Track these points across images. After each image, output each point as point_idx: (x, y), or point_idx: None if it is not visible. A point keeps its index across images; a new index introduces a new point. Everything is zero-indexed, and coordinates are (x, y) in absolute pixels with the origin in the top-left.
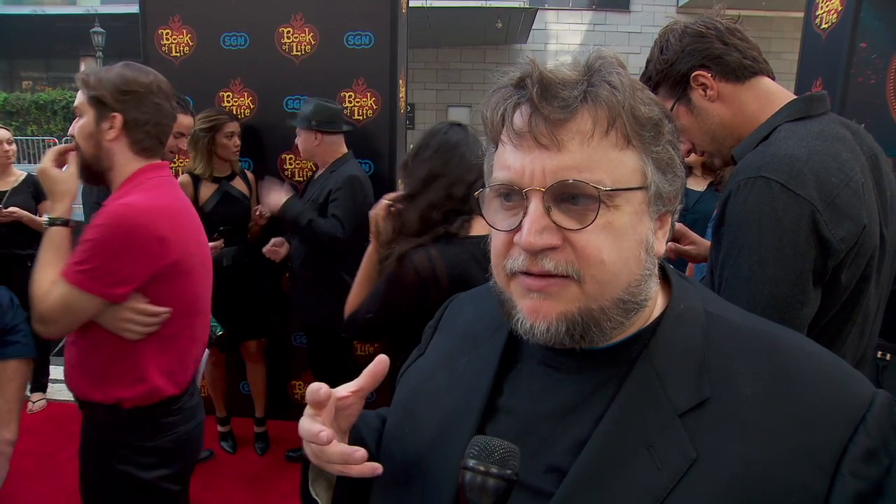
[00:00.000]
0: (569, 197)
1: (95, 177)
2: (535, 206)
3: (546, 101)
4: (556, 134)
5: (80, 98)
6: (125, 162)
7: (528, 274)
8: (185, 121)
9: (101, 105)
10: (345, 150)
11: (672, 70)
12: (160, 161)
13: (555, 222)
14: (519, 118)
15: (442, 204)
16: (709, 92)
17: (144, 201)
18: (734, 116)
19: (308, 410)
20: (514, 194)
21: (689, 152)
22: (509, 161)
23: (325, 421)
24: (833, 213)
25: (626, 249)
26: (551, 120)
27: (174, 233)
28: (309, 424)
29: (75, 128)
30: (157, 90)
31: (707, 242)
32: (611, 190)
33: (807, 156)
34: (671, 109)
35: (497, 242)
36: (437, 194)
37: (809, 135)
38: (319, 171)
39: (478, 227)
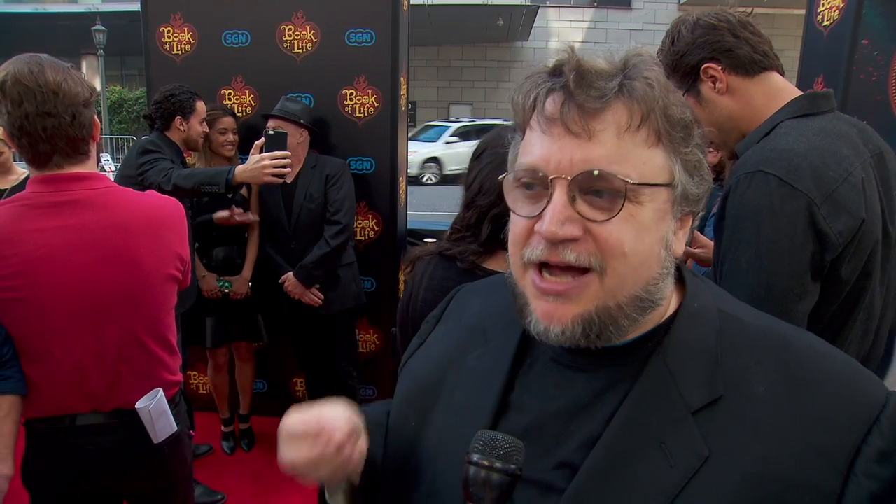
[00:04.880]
0: (594, 189)
1: None
2: (559, 194)
3: (581, 88)
4: (589, 123)
5: None
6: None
7: (545, 266)
8: (204, 107)
9: None
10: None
11: (682, 61)
12: (49, 173)
13: (578, 212)
14: (551, 104)
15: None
16: (718, 85)
17: None
18: (742, 110)
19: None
20: (537, 181)
21: None
22: (536, 147)
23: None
24: (831, 206)
25: (647, 245)
26: (585, 108)
27: None
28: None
29: None
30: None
31: None
32: (637, 184)
33: (806, 151)
34: None
35: (516, 229)
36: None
37: (810, 131)
38: (295, 169)
39: (494, 262)
